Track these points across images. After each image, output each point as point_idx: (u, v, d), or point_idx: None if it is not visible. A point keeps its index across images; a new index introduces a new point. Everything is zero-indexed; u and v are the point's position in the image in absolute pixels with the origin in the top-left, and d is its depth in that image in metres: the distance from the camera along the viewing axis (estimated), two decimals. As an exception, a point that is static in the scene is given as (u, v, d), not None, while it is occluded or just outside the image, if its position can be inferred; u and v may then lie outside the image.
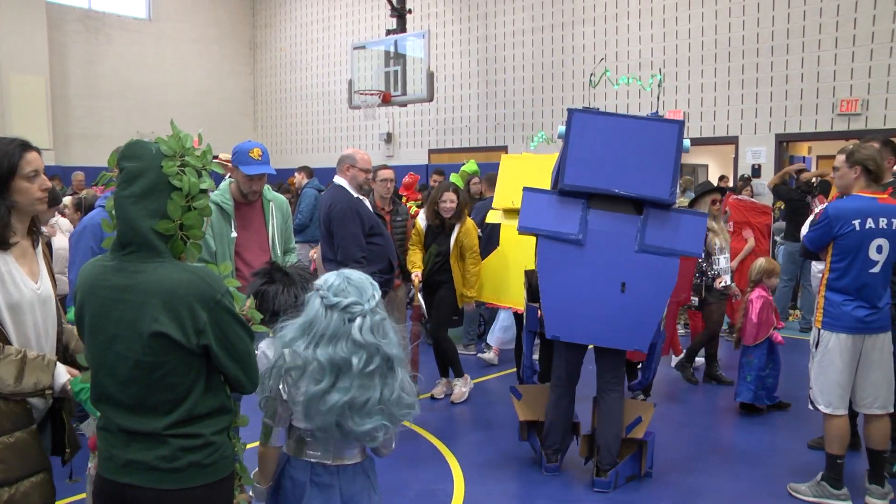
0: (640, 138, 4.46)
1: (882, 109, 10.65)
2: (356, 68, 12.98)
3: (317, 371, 2.31)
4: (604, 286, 4.39)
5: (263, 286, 3.44)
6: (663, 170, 4.39)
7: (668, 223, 4.41)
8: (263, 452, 2.51)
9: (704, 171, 18.41)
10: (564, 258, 4.44)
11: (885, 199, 4.27)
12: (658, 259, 4.35)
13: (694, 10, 12.39)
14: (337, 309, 2.34)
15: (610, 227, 4.44)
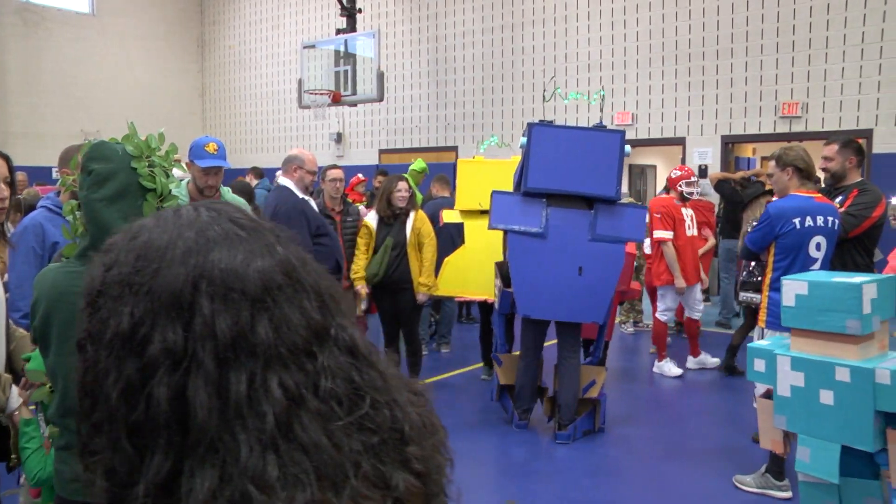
0: (588, 146, 5.35)
1: (820, 112, 10.96)
2: (306, 67, 12.88)
3: None
4: (564, 271, 5.27)
5: None
6: (609, 172, 5.29)
7: (614, 216, 5.33)
8: None
9: (653, 172, 18.71)
10: (530, 249, 5.31)
11: (820, 198, 4.39)
12: (608, 246, 5.27)
13: (642, 13, 12.57)
14: None
15: (567, 222, 5.31)
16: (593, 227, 5.27)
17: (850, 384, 3.17)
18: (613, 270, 5.29)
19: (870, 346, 3.18)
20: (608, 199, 5.32)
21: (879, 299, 3.12)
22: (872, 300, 3.13)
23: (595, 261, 5.25)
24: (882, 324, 3.22)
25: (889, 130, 10.45)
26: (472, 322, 9.80)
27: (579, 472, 4.85)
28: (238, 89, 18.83)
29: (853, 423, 3.19)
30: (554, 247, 5.28)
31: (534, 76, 13.80)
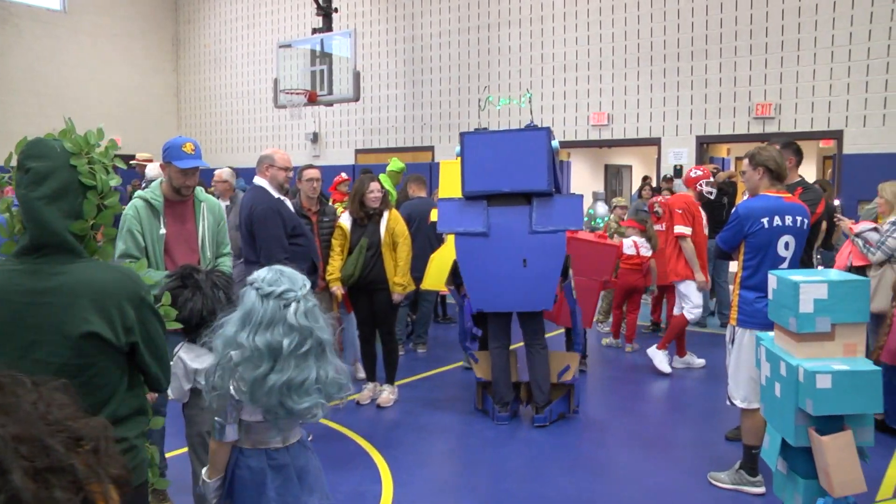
0: (517, 146, 5.65)
1: (793, 113, 11.09)
2: (282, 67, 12.81)
3: (256, 357, 2.47)
4: (510, 264, 5.60)
5: (174, 291, 3.40)
6: (539, 167, 5.57)
7: (551, 208, 5.63)
8: (216, 448, 2.64)
9: (629, 172, 18.84)
10: (476, 248, 5.65)
11: (789, 198, 4.45)
12: (548, 236, 5.57)
13: (618, 14, 12.64)
14: (272, 297, 2.50)
15: (507, 219, 5.65)
16: (532, 220, 5.61)
17: (786, 378, 3.25)
18: (556, 259, 5.59)
19: (825, 347, 3.20)
20: (543, 193, 5.62)
21: (830, 301, 3.13)
22: (818, 300, 3.14)
23: (537, 252, 5.58)
24: (849, 326, 3.22)
25: (858, 131, 10.60)
26: (448, 322, 9.81)
27: (556, 470, 4.88)
28: (213, 88, 18.70)
29: (786, 417, 3.28)
30: (497, 243, 5.63)
31: (510, 76, 13.84)
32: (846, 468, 3.01)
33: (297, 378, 2.49)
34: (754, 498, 4.46)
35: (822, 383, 3.00)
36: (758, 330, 4.33)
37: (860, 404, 3.00)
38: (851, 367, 3.08)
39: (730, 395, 4.59)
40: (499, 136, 6.09)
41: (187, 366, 3.49)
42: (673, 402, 6.56)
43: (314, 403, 2.54)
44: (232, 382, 2.51)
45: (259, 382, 2.47)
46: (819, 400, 3.04)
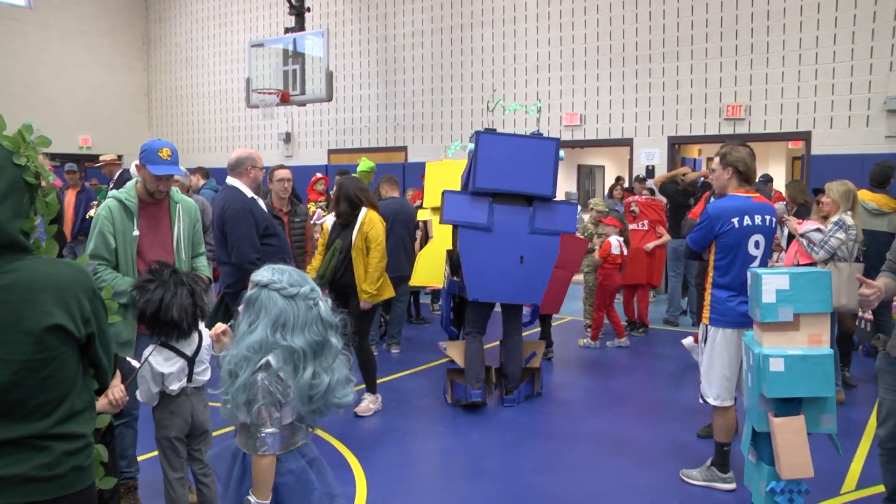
0: (528, 151, 6.08)
1: (763, 115, 11.24)
2: (254, 66, 12.73)
3: (300, 359, 2.45)
4: (508, 259, 6.05)
5: (145, 288, 3.39)
6: (546, 174, 6.06)
7: (550, 211, 6.12)
8: (267, 464, 2.50)
9: (601, 172, 18.95)
10: (478, 240, 6.05)
11: (758, 198, 4.49)
12: (545, 237, 6.09)
13: (590, 16, 12.72)
14: (299, 298, 2.47)
15: (510, 217, 6.08)
16: (532, 221, 6.08)
17: (753, 367, 3.35)
18: (550, 258, 6.15)
19: (791, 337, 3.27)
20: (545, 197, 6.11)
21: (792, 291, 3.21)
22: (780, 291, 3.23)
23: (534, 250, 6.08)
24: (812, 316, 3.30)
25: (825, 133, 10.77)
26: (422, 322, 9.81)
27: (529, 469, 4.89)
28: (185, 88, 18.54)
29: (753, 404, 3.37)
30: (498, 238, 6.05)
31: (483, 77, 13.87)
32: (794, 451, 3.10)
33: (339, 374, 2.55)
34: (725, 494, 4.51)
35: (776, 367, 3.10)
36: (730, 328, 4.38)
37: (812, 387, 3.08)
38: (805, 352, 3.17)
39: (702, 393, 4.63)
40: (512, 139, 6.36)
41: (154, 369, 3.45)
42: (646, 400, 6.61)
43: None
44: (277, 389, 2.45)
45: (309, 386, 2.46)
46: (772, 383, 3.14)
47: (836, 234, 5.79)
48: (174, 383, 3.52)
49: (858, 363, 7.23)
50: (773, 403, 3.27)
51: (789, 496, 3.28)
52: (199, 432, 3.69)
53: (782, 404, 3.21)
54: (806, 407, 3.21)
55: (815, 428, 3.25)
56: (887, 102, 10.21)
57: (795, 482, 3.26)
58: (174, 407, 3.57)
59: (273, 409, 2.46)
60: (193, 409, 3.62)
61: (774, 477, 3.32)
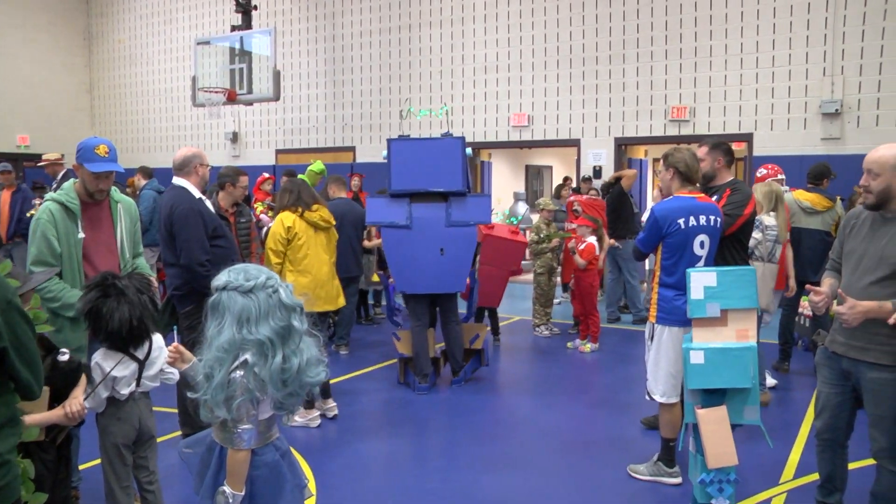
0: (436, 152, 6.66)
1: (706, 116, 11.49)
2: (200, 64, 12.53)
3: (269, 348, 2.50)
4: (429, 253, 6.54)
5: (97, 301, 3.29)
6: (455, 170, 6.58)
7: (464, 205, 6.64)
8: (241, 458, 2.58)
9: (549, 172, 19.11)
10: (400, 238, 6.55)
11: (702, 198, 4.58)
12: (462, 229, 6.58)
13: (538, 17, 12.84)
14: (257, 289, 2.52)
15: (427, 213, 6.59)
16: (448, 215, 6.58)
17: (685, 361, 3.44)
18: (469, 248, 6.65)
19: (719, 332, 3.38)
20: (458, 193, 6.62)
21: (719, 288, 3.31)
22: (707, 287, 3.33)
23: (453, 242, 6.56)
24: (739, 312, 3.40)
25: (767, 134, 11.05)
26: (370, 323, 9.77)
27: (478, 470, 4.91)
28: (129, 86, 18.16)
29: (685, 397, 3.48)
30: (418, 234, 6.55)
31: (431, 77, 13.89)
32: (719, 441, 3.21)
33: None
34: (671, 488, 4.59)
35: (696, 359, 3.22)
36: (676, 327, 4.45)
37: (731, 379, 3.18)
38: (724, 346, 3.28)
39: (649, 391, 4.70)
40: (421, 142, 6.99)
41: (105, 372, 3.37)
42: (595, 396, 6.69)
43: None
44: (255, 386, 2.51)
45: (280, 371, 2.52)
46: (692, 374, 3.25)
47: (753, 234, 5.95)
48: (124, 388, 3.44)
49: (798, 358, 7.43)
50: (700, 396, 3.37)
51: (719, 486, 3.39)
52: (146, 438, 3.61)
53: (707, 396, 3.31)
54: (729, 398, 3.31)
55: (739, 419, 3.35)
56: (822, 106, 10.53)
57: (724, 471, 3.36)
58: (122, 413, 3.48)
59: (250, 405, 2.53)
60: (141, 415, 3.54)
61: (705, 469, 3.41)
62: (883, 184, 3.48)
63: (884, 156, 3.50)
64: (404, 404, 6.40)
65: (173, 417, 5.08)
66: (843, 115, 10.49)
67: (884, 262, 3.45)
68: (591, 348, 8.17)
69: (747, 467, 4.58)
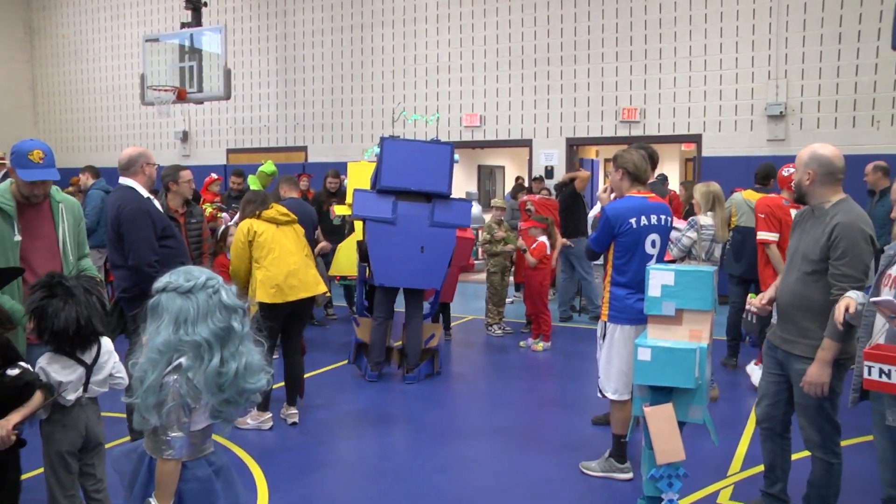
0: (427, 155, 6.98)
1: (657, 118, 11.67)
2: (149, 62, 12.30)
3: (205, 350, 2.40)
4: (410, 249, 6.81)
5: (42, 301, 3.19)
6: (443, 174, 6.95)
7: (448, 207, 6.98)
8: (170, 469, 2.45)
9: (501, 172, 19.22)
10: (384, 232, 6.83)
11: (653, 198, 4.66)
12: (443, 230, 6.93)
13: (489, 18, 12.90)
14: (196, 290, 2.43)
15: (412, 212, 6.88)
16: (432, 215, 6.89)
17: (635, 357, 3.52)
18: (447, 249, 6.97)
19: (673, 331, 3.44)
20: (442, 195, 6.94)
21: (676, 287, 3.37)
22: (665, 286, 3.40)
23: (433, 241, 6.88)
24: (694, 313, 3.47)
25: (715, 135, 11.27)
26: (320, 325, 9.70)
27: (431, 468, 4.92)
28: (74, 83, 17.75)
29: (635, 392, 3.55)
30: (402, 231, 6.83)
31: (383, 77, 13.86)
32: (665, 437, 3.27)
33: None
34: (623, 484, 4.66)
35: (643, 356, 3.28)
36: (628, 325, 4.52)
37: (674, 378, 3.24)
38: (672, 345, 3.33)
39: (601, 388, 4.77)
40: (413, 144, 7.23)
41: (51, 377, 3.25)
42: (547, 394, 6.76)
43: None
44: (187, 391, 2.40)
45: (216, 374, 2.41)
46: (639, 371, 3.32)
47: (688, 233, 6.12)
48: (71, 393, 3.32)
49: (745, 353, 7.59)
50: (647, 392, 3.44)
51: (668, 480, 3.45)
52: (93, 445, 3.50)
53: (654, 394, 3.37)
54: (676, 397, 3.37)
55: (684, 417, 3.41)
56: (768, 109, 10.78)
57: (673, 466, 3.42)
58: (68, 419, 3.35)
59: (182, 412, 2.42)
60: (88, 421, 3.43)
61: (654, 464, 3.48)
62: (796, 179, 3.72)
63: (801, 153, 3.71)
64: (357, 406, 6.38)
65: (123, 422, 4.99)
66: (788, 117, 10.76)
67: (805, 258, 3.62)
68: (543, 347, 8.25)
69: (696, 460, 4.67)
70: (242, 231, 5.64)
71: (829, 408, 3.64)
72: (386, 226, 6.82)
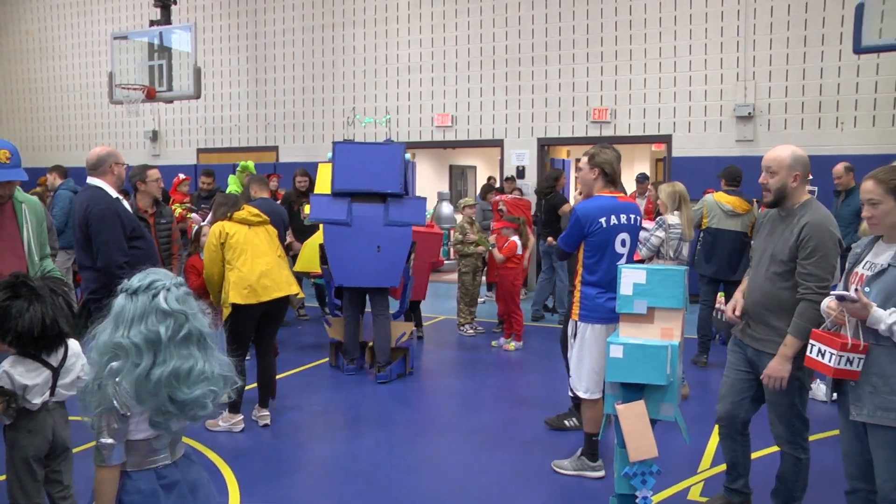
0: (378, 156, 7.15)
1: (627, 118, 11.76)
2: (117, 60, 12.17)
3: (135, 354, 2.32)
4: (367, 249, 6.97)
5: (6, 302, 3.11)
6: (394, 174, 7.07)
7: (402, 206, 7.12)
8: (105, 476, 2.37)
9: (473, 172, 19.26)
10: (340, 234, 7.00)
11: (622, 197, 4.70)
12: (398, 229, 7.05)
13: (461, 18, 12.91)
14: (140, 291, 2.38)
15: (367, 212, 7.04)
16: (386, 215, 7.04)
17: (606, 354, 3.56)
18: (404, 247, 7.09)
19: (644, 329, 3.48)
20: (396, 195, 7.08)
21: (648, 286, 3.41)
22: (637, 284, 3.44)
23: (389, 240, 7.02)
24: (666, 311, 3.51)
25: (684, 136, 11.39)
26: (295, 324, 9.67)
27: (403, 468, 4.92)
28: (40, 80, 17.46)
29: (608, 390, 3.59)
30: (358, 232, 6.99)
31: (354, 76, 13.83)
32: (638, 435, 3.31)
33: (182, 367, 2.36)
34: (595, 482, 4.69)
35: (615, 353, 3.32)
36: (599, 324, 4.55)
37: (645, 374, 3.28)
38: (643, 342, 3.37)
39: (572, 387, 4.80)
40: (364, 146, 7.51)
41: (15, 381, 3.16)
42: (519, 393, 6.79)
43: (204, 392, 2.40)
44: (116, 396, 2.32)
45: (143, 380, 2.31)
46: (611, 368, 3.36)
47: (657, 232, 6.25)
48: (36, 397, 3.22)
49: (716, 351, 7.68)
50: (619, 389, 3.47)
51: (642, 478, 3.49)
52: (60, 451, 3.40)
53: (626, 391, 3.40)
54: (648, 394, 3.40)
55: (655, 414, 3.44)
56: (736, 110, 10.92)
57: (646, 464, 3.45)
58: (34, 424, 3.25)
59: (113, 417, 2.34)
60: (55, 426, 3.33)
61: (627, 462, 3.51)
62: (779, 182, 3.69)
63: (780, 155, 3.70)
64: (329, 407, 6.36)
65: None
66: (756, 118, 10.90)
67: (774, 259, 3.68)
68: (515, 346, 8.28)
69: (667, 457, 4.71)
70: (214, 234, 5.60)
71: (800, 404, 3.74)
72: (342, 228, 6.99)
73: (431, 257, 8.46)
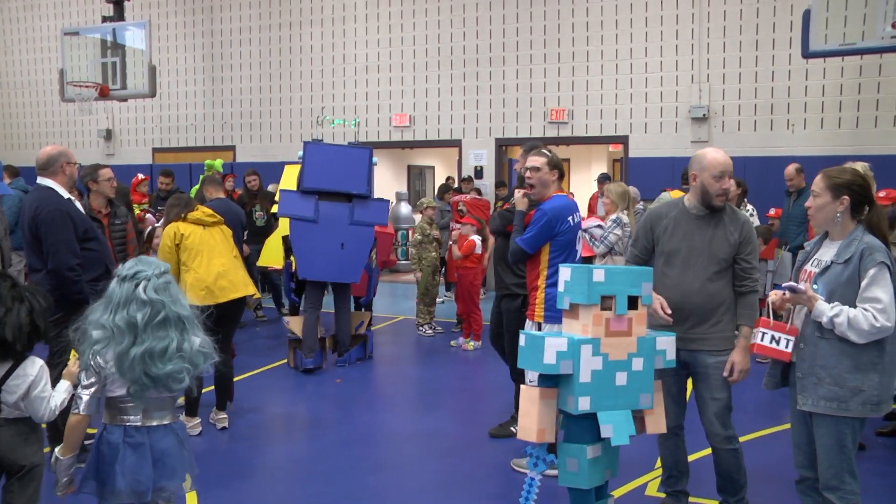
0: (346, 158, 7.60)
1: (584, 119, 11.88)
2: (68, 56, 11.94)
3: (117, 334, 2.74)
4: (331, 245, 7.34)
5: None
6: (361, 175, 7.53)
7: (366, 207, 7.56)
8: (75, 422, 2.80)
9: (431, 172, 19.25)
10: (306, 230, 7.35)
11: (571, 196, 4.78)
12: (362, 228, 7.49)
13: (419, 18, 12.92)
14: (127, 279, 2.78)
15: (332, 211, 7.43)
16: (351, 214, 7.46)
17: None
18: (366, 245, 7.54)
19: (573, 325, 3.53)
20: (361, 195, 7.50)
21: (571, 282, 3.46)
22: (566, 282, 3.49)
23: (353, 238, 7.43)
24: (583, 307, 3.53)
25: (641, 137, 11.53)
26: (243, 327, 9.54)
27: (362, 470, 4.91)
28: (-14, 77, 17.02)
29: None
30: (323, 229, 7.35)
31: (311, 76, 13.75)
32: (526, 416, 3.43)
33: (156, 347, 2.74)
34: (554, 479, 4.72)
35: (522, 342, 3.40)
36: (564, 325, 4.56)
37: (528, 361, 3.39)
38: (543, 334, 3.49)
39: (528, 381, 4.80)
40: (334, 147, 7.99)
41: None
42: (477, 394, 6.81)
43: (178, 367, 2.78)
44: (97, 358, 2.74)
45: (123, 356, 2.72)
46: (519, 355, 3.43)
47: (615, 230, 6.50)
48: None
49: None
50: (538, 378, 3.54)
51: (535, 460, 3.56)
52: (15, 470, 3.06)
53: (542, 380, 3.46)
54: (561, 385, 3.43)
55: (563, 405, 3.45)
56: (691, 111, 11.10)
57: (542, 449, 3.52)
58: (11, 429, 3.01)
59: (86, 373, 2.78)
60: (1, 446, 3.01)
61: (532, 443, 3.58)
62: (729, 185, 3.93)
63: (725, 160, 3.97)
64: (288, 409, 6.33)
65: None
66: (710, 119, 11.08)
67: (713, 258, 3.81)
68: (474, 346, 8.31)
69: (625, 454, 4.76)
70: (169, 235, 5.52)
71: (730, 398, 3.89)
72: (309, 224, 7.34)
73: (382, 255, 8.70)
